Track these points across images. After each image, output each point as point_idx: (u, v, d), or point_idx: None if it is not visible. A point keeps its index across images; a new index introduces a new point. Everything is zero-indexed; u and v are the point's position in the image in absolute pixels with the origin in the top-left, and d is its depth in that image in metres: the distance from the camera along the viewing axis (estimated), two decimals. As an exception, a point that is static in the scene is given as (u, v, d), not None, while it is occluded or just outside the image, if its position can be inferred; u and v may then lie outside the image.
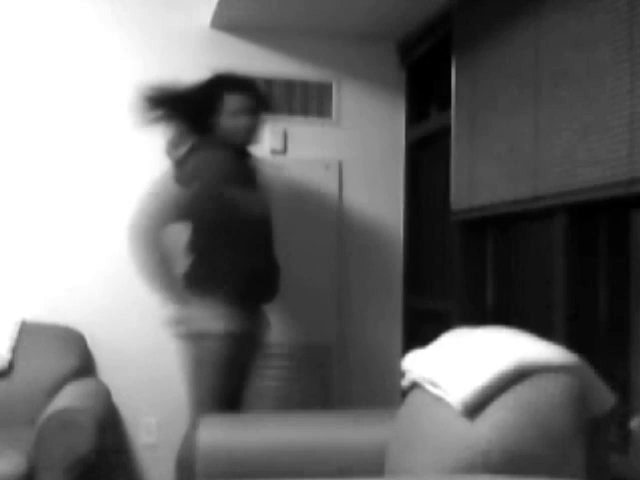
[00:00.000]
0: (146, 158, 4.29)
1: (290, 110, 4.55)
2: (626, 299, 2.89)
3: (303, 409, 3.59)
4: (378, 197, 4.65)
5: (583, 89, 2.83)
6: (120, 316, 4.27)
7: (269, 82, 4.50)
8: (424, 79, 4.59)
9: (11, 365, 3.79)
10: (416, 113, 4.63)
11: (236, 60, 4.46)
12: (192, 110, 3.50)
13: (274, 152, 4.50)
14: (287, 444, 2.85)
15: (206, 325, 3.33)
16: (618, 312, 2.93)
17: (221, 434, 2.91)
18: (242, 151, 3.53)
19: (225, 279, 3.39)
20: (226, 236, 3.41)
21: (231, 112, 3.44)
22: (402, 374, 2.88)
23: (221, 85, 3.51)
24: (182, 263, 3.48)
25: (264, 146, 4.46)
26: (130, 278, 4.27)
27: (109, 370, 4.20)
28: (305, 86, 4.57)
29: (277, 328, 3.65)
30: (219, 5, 4.10)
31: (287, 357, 3.64)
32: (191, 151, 3.49)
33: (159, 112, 3.47)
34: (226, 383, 3.36)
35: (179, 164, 3.50)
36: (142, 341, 4.30)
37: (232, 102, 3.45)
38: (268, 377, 4.41)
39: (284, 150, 4.53)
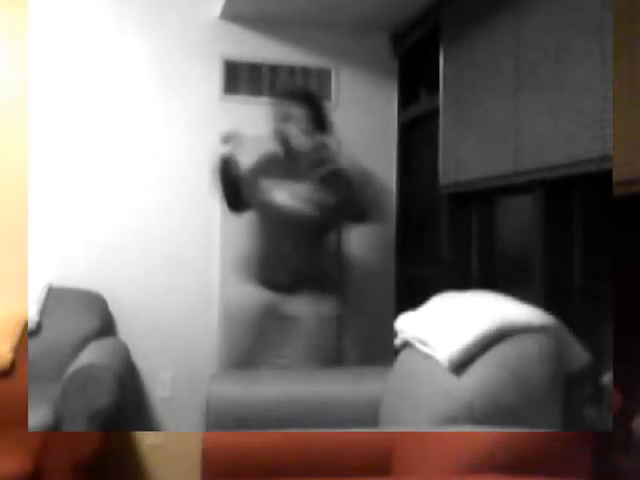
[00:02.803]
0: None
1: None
2: (599, 269, 2.89)
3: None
4: (373, 173, 4.63)
5: (559, 75, 2.82)
6: (138, 280, 4.28)
7: (274, 68, 4.48)
8: (415, 66, 4.57)
9: (39, 326, 3.81)
10: (407, 97, 4.62)
11: (243, 49, 4.44)
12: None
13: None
14: (289, 398, 2.88)
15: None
16: (591, 280, 2.93)
17: (230, 388, 2.93)
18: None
19: None
20: None
21: None
22: (395, 334, 2.89)
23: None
24: None
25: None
26: (147, 243, 4.30)
27: (128, 330, 4.21)
28: (307, 72, 4.55)
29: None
30: (228, -3, 4.08)
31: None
32: None
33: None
34: None
35: None
36: (160, 301, 4.31)
37: None
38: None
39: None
